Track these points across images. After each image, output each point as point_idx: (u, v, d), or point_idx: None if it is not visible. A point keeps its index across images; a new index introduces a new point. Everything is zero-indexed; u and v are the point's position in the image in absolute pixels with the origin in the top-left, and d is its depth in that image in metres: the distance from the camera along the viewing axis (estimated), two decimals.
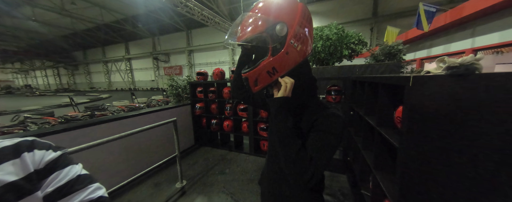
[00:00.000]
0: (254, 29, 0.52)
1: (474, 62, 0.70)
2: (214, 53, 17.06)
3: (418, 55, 7.65)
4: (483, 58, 0.72)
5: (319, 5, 12.42)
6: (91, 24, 16.84)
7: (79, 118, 5.59)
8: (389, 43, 4.18)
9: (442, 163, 0.74)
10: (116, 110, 7.05)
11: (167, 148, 2.77)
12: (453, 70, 0.70)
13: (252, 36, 0.52)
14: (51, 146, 0.44)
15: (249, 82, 0.59)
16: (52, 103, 11.87)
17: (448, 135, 0.71)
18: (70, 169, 0.42)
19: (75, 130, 1.74)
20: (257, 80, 0.57)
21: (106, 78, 25.95)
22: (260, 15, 0.52)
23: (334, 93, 2.35)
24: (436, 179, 0.76)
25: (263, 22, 0.51)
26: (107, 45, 23.88)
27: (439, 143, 0.73)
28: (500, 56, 5.40)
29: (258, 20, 0.52)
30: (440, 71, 0.77)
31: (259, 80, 0.57)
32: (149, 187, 2.19)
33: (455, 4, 5.84)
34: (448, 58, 0.75)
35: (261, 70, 0.55)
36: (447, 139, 0.72)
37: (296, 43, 0.53)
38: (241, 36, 0.54)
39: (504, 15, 4.26)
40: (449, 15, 5.35)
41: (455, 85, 0.68)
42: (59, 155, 0.42)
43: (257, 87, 0.59)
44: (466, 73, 0.67)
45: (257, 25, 0.51)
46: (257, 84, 0.59)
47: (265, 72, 0.55)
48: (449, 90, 0.69)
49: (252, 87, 0.60)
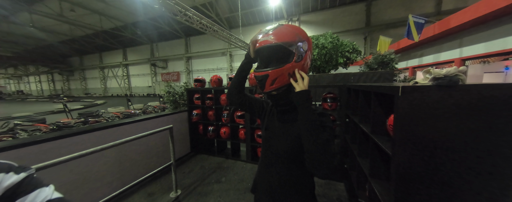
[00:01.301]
0: (292, 38, 0.64)
1: (457, 73, 0.74)
2: (213, 59, 17.25)
3: (410, 64, 7.92)
4: (467, 70, 0.76)
5: (314, 15, 12.91)
6: (89, 31, 16.96)
7: (72, 125, 5.46)
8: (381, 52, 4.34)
9: (433, 171, 0.76)
10: (111, 116, 6.93)
11: (162, 156, 2.72)
12: (438, 81, 0.74)
13: (289, 42, 0.64)
14: (11, 168, 0.37)
15: (268, 80, 0.66)
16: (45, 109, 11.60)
17: (435, 143, 0.74)
18: (37, 194, 0.35)
19: (67, 138, 1.70)
20: (276, 79, 0.65)
21: (102, 84, 25.70)
22: (294, 31, 0.67)
23: (330, 101, 2.39)
24: (429, 186, 0.77)
25: (296, 36, 0.65)
26: (104, 51, 23.91)
27: (428, 150, 0.75)
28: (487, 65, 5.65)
29: (294, 33, 0.66)
30: (427, 81, 0.81)
31: (278, 80, 0.65)
32: (142, 197, 2.12)
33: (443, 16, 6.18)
34: (434, 69, 0.79)
35: (284, 70, 0.64)
36: (434, 147, 0.74)
37: (308, 58, 0.69)
38: (280, 38, 0.64)
39: (488, 27, 4.51)
40: (437, 26, 5.63)
41: (441, 95, 0.72)
42: (22, 178, 0.36)
43: (272, 86, 0.67)
44: (450, 84, 0.71)
45: (294, 36, 0.65)
46: (274, 83, 0.66)
47: (287, 73, 0.65)
48: (435, 99, 0.73)
49: (268, 86, 0.67)
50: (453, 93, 0.70)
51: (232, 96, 0.83)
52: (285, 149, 0.72)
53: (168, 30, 16.27)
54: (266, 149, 0.79)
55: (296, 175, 0.73)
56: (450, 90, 0.70)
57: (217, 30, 8.79)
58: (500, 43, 4.24)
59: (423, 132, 0.75)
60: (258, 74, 0.67)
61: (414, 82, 0.89)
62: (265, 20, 14.18)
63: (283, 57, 0.65)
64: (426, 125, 0.74)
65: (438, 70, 0.78)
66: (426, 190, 0.78)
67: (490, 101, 0.67)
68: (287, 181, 0.73)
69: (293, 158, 0.72)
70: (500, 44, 4.24)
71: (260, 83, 0.68)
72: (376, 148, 1.20)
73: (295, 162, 0.72)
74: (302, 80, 0.64)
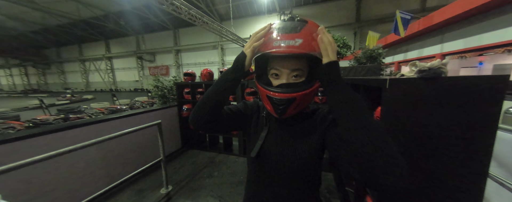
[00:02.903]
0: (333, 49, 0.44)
1: (441, 66, 0.77)
2: (203, 53, 16.73)
3: (396, 59, 8.25)
4: (448, 63, 0.80)
5: (305, 9, 12.84)
6: (65, 20, 15.53)
7: (50, 122, 5.10)
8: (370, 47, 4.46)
9: (417, 160, 0.80)
10: (95, 112, 6.57)
11: (152, 152, 2.64)
12: (423, 74, 0.76)
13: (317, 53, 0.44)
14: None
15: (292, 105, 0.48)
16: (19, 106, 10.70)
17: (418, 132, 0.78)
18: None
19: (45, 135, 1.58)
20: (302, 102, 0.49)
21: (83, 78, 24.06)
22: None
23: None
24: (413, 176, 0.82)
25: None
26: (85, 42, 22.18)
27: (412, 139, 0.79)
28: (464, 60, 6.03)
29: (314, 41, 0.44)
30: (413, 74, 0.83)
31: (303, 102, 0.49)
32: (131, 194, 2.06)
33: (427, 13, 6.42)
34: (419, 62, 0.82)
35: (314, 91, 0.48)
36: (418, 136, 0.78)
37: None
38: (311, 47, 0.44)
39: (466, 24, 4.77)
40: (421, 22, 5.85)
41: (425, 86, 0.75)
42: None
43: (296, 110, 0.50)
44: (434, 76, 0.73)
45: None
46: (297, 107, 0.49)
47: (313, 93, 0.49)
48: (421, 91, 0.75)
49: (290, 111, 0.49)
50: (436, 85, 0.73)
51: (199, 122, 0.53)
52: (292, 167, 0.53)
53: (155, 21, 15.37)
54: (260, 168, 0.58)
55: (300, 197, 0.56)
56: (434, 82, 0.73)
57: (207, 22, 8.46)
58: (476, 39, 4.53)
59: (408, 122, 0.78)
60: (279, 96, 0.47)
61: (400, 75, 0.91)
62: (257, 13, 13.86)
63: (311, 72, 0.47)
64: (410, 115, 0.78)
65: (423, 63, 0.80)
66: (411, 178, 0.82)
67: (466, 92, 0.71)
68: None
69: (298, 177, 0.55)
70: (476, 41, 4.52)
71: (281, 107, 0.48)
72: None
73: (299, 182, 0.55)
74: (332, 49, 0.42)
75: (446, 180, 0.77)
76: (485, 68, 6.08)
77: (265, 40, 0.47)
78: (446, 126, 0.74)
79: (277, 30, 0.47)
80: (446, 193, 0.78)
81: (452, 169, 0.76)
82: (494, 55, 5.24)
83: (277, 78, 0.51)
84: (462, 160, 0.74)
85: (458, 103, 0.72)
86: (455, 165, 0.75)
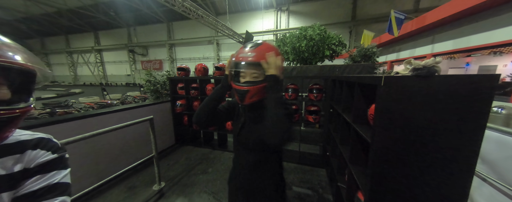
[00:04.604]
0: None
1: (434, 64, 0.78)
2: (198, 48, 16.35)
3: (389, 58, 8.43)
4: (441, 62, 0.81)
5: (303, 6, 12.75)
6: (50, 9, 14.63)
7: (35, 116, 4.86)
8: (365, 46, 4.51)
9: (407, 157, 0.82)
10: (84, 107, 6.32)
11: (144, 148, 2.58)
12: (418, 72, 0.77)
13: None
14: (56, 148, 0.45)
15: (247, 94, 0.74)
16: None
17: (412, 130, 0.79)
18: (53, 174, 0.42)
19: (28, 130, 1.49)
20: (255, 94, 0.74)
21: (71, 71, 23.00)
22: (271, 49, 0.74)
23: (316, 92, 2.44)
24: (403, 171, 0.84)
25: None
26: (72, 33, 21.05)
27: (405, 137, 0.81)
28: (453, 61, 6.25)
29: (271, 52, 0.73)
30: (407, 72, 0.84)
31: (257, 95, 0.75)
32: (122, 191, 2.02)
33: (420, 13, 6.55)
34: (414, 60, 0.82)
35: (261, 88, 0.73)
36: (412, 134, 0.80)
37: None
38: (259, 58, 0.71)
39: (456, 26, 4.92)
40: (414, 22, 5.97)
41: (419, 85, 0.76)
42: (53, 158, 0.44)
43: (252, 99, 0.76)
44: (428, 75, 0.74)
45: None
46: (253, 97, 0.75)
47: (263, 90, 0.73)
48: (414, 89, 0.76)
49: (247, 99, 0.75)
50: (430, 83, 0.74)
51: (201, 122, 0.82)
52: (256, 140, 0.80)
53: (148, 13, 14.75)
54: (239, 146, 0.88)
55: (264, 160, 0.84)
56: (428, 80, 0.74)
57: (202, 15, 8.23)
58: (465, 41, 4.68)
59: (401, 118, 0.79)
60: (240, 88, 0.74)
61: (395, 73, 0.92)
62: (254, 8, 13.62)
63: (261, 74, 0.73)
64: (404, 112, 0.79)
65: (418, 61, 0.81)
66: (400, 173, 0.84)
67: (459, 90, 0.72)
68: (259, 167, 0.84)
69: (261, 147, 0.82)
70: (465, 42, 4.68)
71: (241, 96, 0.75)
72: (357, 136, 1.27)
73: (264, 151, 0.83)
74: (275, 66, 0.70)
75: (434, 175, 0.80)
76: (471, 69, 6.34)
77: (235, 61, 0.75)
78: (437, 123, 0.76)
79: (242, 51, 0.75)
80: (433, 188, 0.81)
81: (441, 165, 0.78)
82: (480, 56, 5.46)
83: (243, 77, 0.76)
84: (451, 156, 0.77)
85: (450, 101, 0.73)
86: (444, 161, 0.78)
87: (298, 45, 4.68)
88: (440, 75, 0.75)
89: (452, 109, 0.73)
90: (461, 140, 0.74)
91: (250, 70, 0.73)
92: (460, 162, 0.76)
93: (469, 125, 0.73)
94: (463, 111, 0.72)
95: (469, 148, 0.74)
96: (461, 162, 0.76)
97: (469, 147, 0.74)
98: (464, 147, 0.75)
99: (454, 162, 0.77)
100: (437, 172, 0.79)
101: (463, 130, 0.73)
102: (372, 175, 0.89)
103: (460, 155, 0.76)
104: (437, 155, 0.78)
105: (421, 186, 0.83)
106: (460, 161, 0.76)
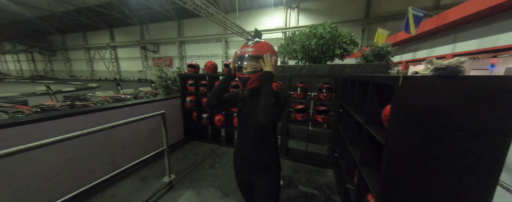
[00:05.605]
0: (266, 51, 0.93)
1: (459, 64, 0.73)
2: (207, 45, 16.53)
3: (404, 58, 8.02)
4: (466, 62, 0.76)
5: (313, 3, 12.41)
6: (71, 7, 15.42)
7: (57, 108, 5.20)
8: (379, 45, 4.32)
9: (425, 161, 0.79)
10: (100, 100, 6.66)
11: (155, 142, 2.69)
12: (440, 72, 0.73)
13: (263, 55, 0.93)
14: None
15: (248, 81, 0.93)
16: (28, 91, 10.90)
17: (432, 133, 0.76)
18: None
19: (52, 120, 1.61)
20: (254, 81, 0.94)
21: (88, 66, 24.23)
22: (268, 46, 0.95)
23: (326, 91, 2.39)
24: (418, 175, 0.81)
25: (269, 51, 0.94)
26: (89, 30, 22.10)
27: (424, 141, 0.77)
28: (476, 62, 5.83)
29: (268, 49, 0.94)
30: (428, 72, 0.80)
31: (256, 81, 0.95)
32: (135, 181, 2.12)
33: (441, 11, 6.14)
34: (436, 60, 0.78)
35: (259, 75, 0.94)
36: (431, 137, 0.76)
37: (275, 65, 0.98)
38: (259, 52, 0.92)
39: (482, 24, 4.56)
40: (434, 20, 5.61)
41: (441, 86, 0.72)
42: None
43: (252, 85, 0.95)
44: (451, 75, 0.70)
45: (268, 50, 0.93)
46: (252, 83, 0.95)
47: (260, 77, 0.94)
48: (435, 90, 0.72)
49: (248, 85, 0.95)
50: (453, 84, 0.70)
51: (211, 105, 1.04)
52: (251, 119, 1.00)
53: (160, 11, 15.12)
54: (241, 125, 1.06)
55: (262, 137, 1.01)
56: (451, 81, 0.70)
57: (212, 13, 8.29)
58: (491, 40, 4.34)
59: (419, 121, 0.76)
60: (242, 76, 0.93)
61: (414, 72, 0.88)
62: (263, 6, 13.47)
63: (260, 65, 0.92)
64: (423, 114, 0.75)
65: (440, 60, 0.76)
66: (416, 177, 0.81)
67: (486, 93, 0.67)
68: (257, 142, 1.01)
69: (255, 126, 0.99)
70: (491, 42, 4.33)
71: (243, 82, 0.94)
72: (368, 137, 1.24)
73: (259, 129, 1.00)
74: (270, 65, 0.90)
75: (454, 181, 0.76)
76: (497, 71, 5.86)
77: (239, 54, 0.95)
78: (461, 126, 0.71)
79: (244, 47, 0.95)
80: (452, 195, 0.77)
81: (462, 171, 0.74)
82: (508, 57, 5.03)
83: (245, 69, 0.95)
84: (474, 162, 0.72)
85: (475, 104, 0.69)
86: (466, 167, 0.74)
87: (307, 44, 4.59)
88: (464, 75, 0.71)
89: (478, 112, 0.69)
90: (486, 146, 0.70)
91: (250, 62, 0.91)
92: (483, 170, 0.72)
93: (496, 131, 0.68)
94: (490, 115, 0.68)
95: (495, 154, 0.70)
96: (484, 169, 0.72)
97: (494, 153, 0.70)
98: (489, 154, 0.70)
99: (477, 169, 0.72)
100: (457, 178, 0.75)
101: (489, 136, 0.69)
102: (384, 178, 0.86)
103: (484, 161, 0.71)
104: (459, 161, 0.74)
105: (437, 192, 0.79)
106: (484, 169, 0.72)
